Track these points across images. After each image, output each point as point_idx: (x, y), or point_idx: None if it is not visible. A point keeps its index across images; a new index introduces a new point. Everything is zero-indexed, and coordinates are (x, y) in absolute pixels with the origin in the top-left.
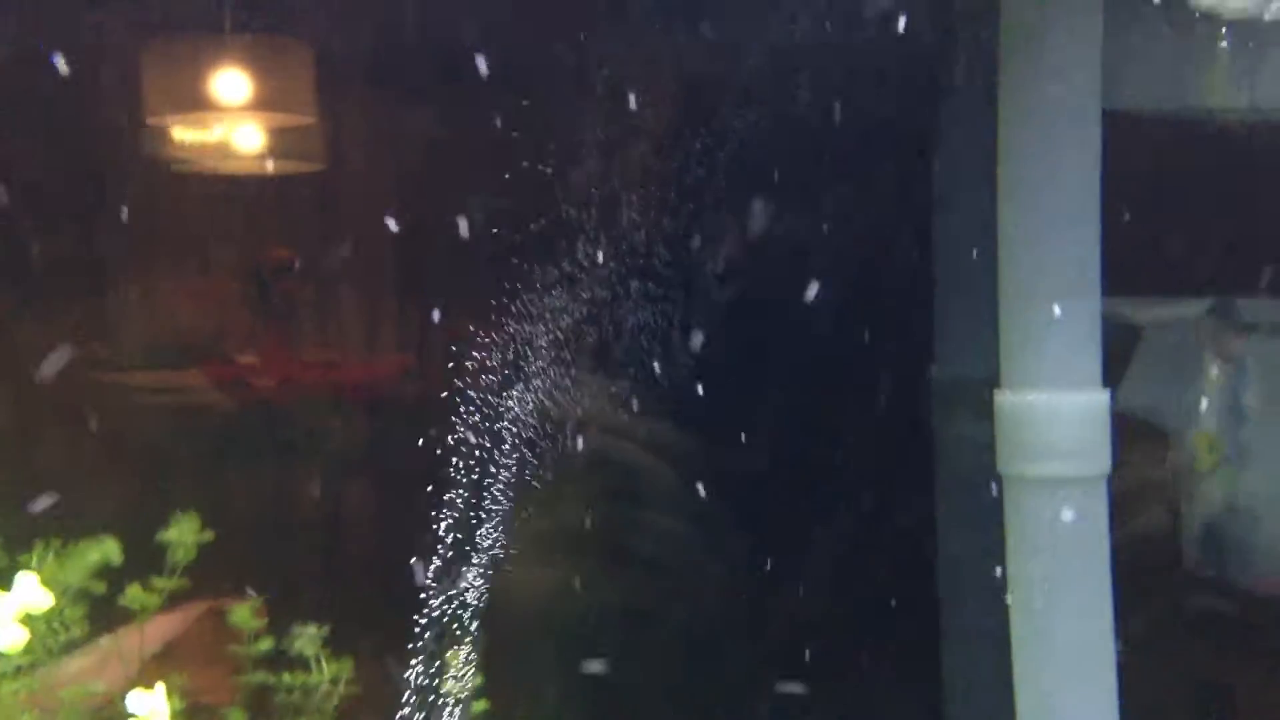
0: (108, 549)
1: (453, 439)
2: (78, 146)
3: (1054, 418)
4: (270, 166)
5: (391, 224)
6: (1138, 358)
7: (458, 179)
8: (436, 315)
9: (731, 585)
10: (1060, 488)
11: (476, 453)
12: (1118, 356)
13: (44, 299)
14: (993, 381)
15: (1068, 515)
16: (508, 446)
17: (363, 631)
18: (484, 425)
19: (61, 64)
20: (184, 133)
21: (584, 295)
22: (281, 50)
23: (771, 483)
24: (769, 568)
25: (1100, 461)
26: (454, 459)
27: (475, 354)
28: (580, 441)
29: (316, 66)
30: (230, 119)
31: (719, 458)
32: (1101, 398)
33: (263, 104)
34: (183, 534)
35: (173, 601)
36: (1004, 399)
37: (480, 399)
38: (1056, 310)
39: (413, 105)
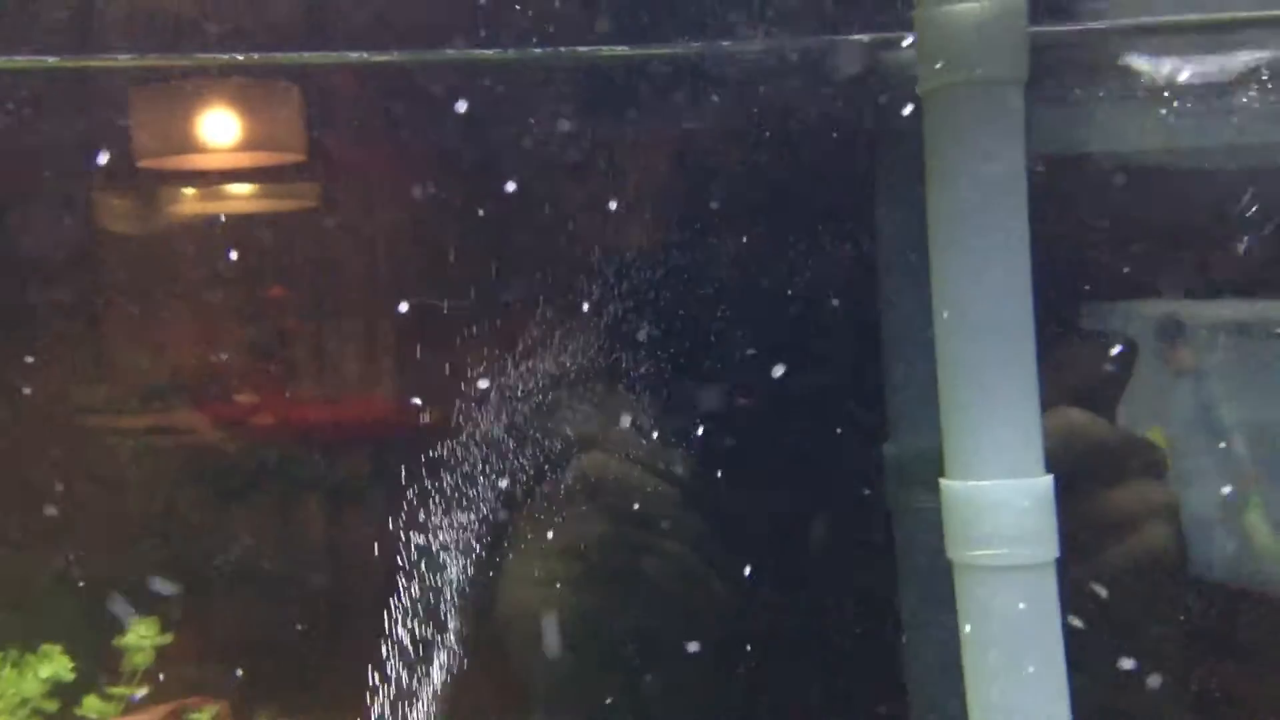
0: (58, 665)
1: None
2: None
3: (1000, 505)
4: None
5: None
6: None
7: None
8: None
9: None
10: (1010, 574)
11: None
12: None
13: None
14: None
15: (1019, 602)
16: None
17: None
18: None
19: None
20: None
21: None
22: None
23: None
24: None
25: (1048, 547)
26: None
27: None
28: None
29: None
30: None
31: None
32: (1045, 482)
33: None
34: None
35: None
36: (949, 486)
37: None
38: (996, 399)
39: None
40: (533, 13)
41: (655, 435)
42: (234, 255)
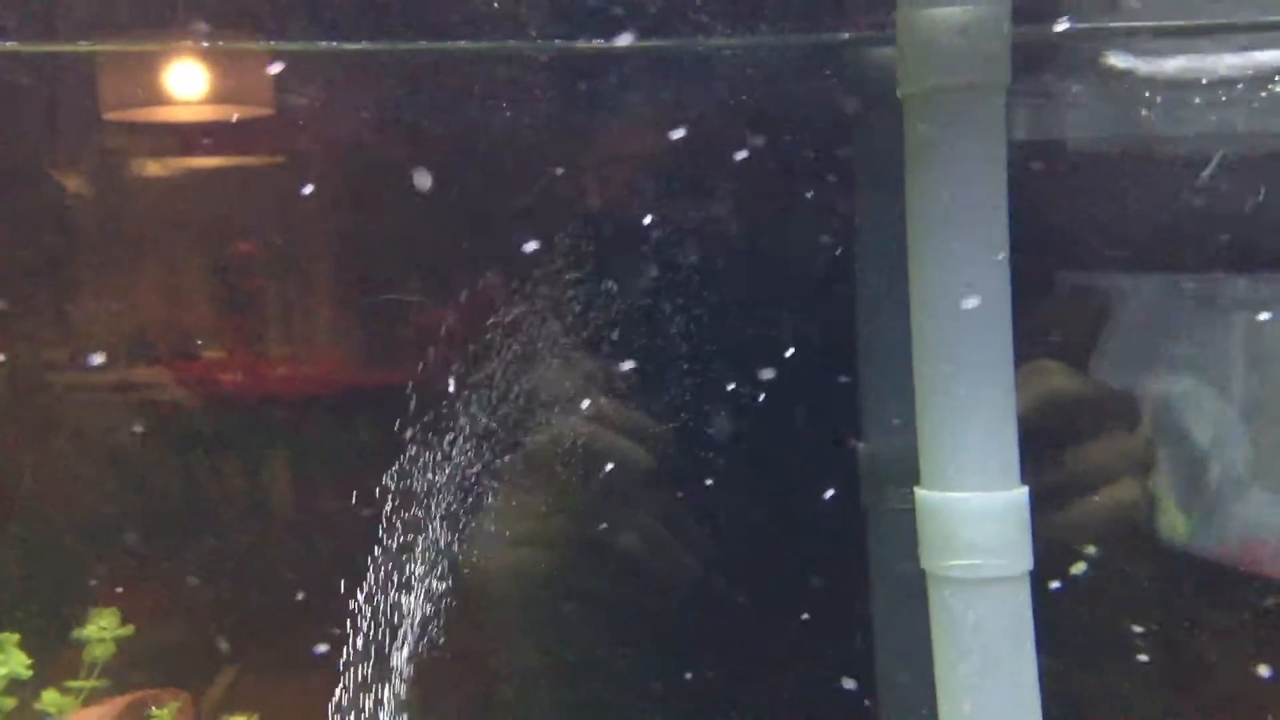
0: (14, 662)
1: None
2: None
3: (974, 517)
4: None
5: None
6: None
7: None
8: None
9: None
10: (984, 587)
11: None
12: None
13: None
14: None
15: (992, 613)
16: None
17: None
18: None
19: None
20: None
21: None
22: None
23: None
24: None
25: (1023, 559)
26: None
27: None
28: None
29: None
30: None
31: None
32: (1020, 494)
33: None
34: (101, 630)
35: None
36: (924, 496)
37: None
38: (972, 409)
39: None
40: None
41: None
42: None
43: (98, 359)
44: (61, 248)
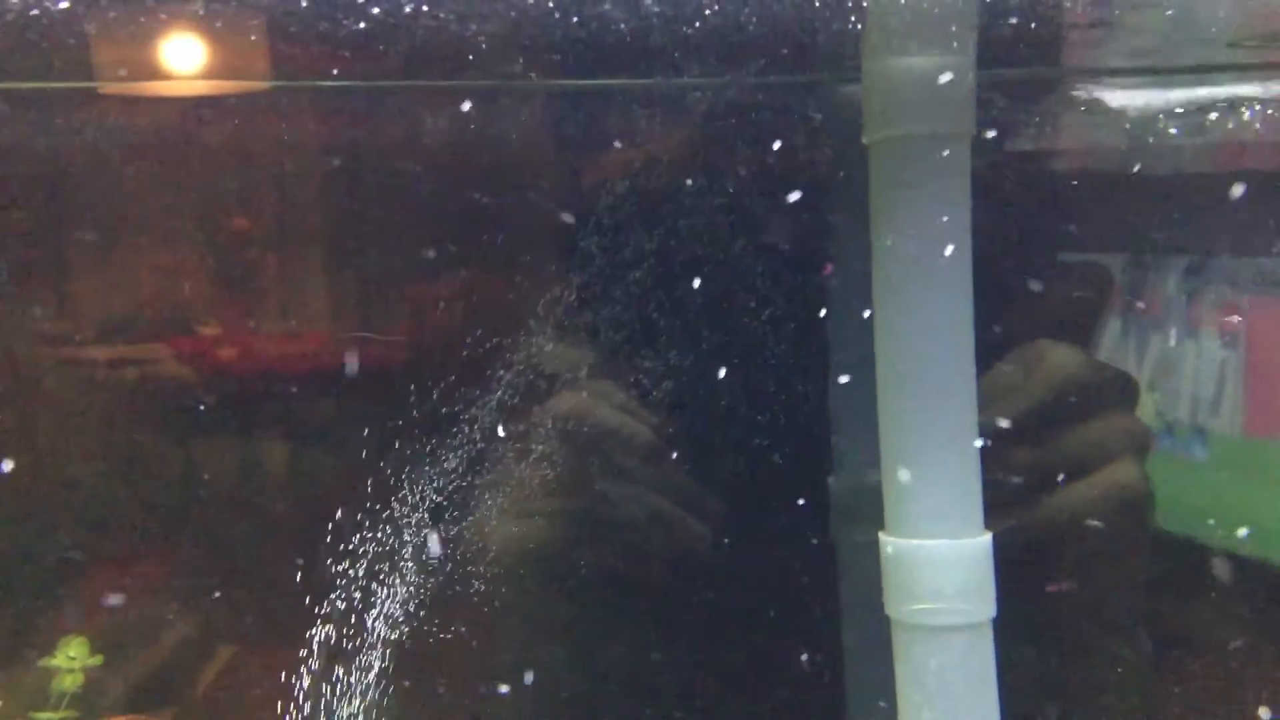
0: None
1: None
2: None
3: (938, 564)
4: None
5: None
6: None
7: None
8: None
9: None
10: (946, 634)
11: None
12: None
13: None
14: None
15: (955, 661)
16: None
17: None
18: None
19: None
20: None
21: None
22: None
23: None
24: None
25: (985, 606)
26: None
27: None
28: None
29: None
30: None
31: None
32: (984, 541)
33: None
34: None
35: None
36: (888, 543)
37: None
38: (936, 456)
39: None
40: None
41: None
42: None
43: None
44: None
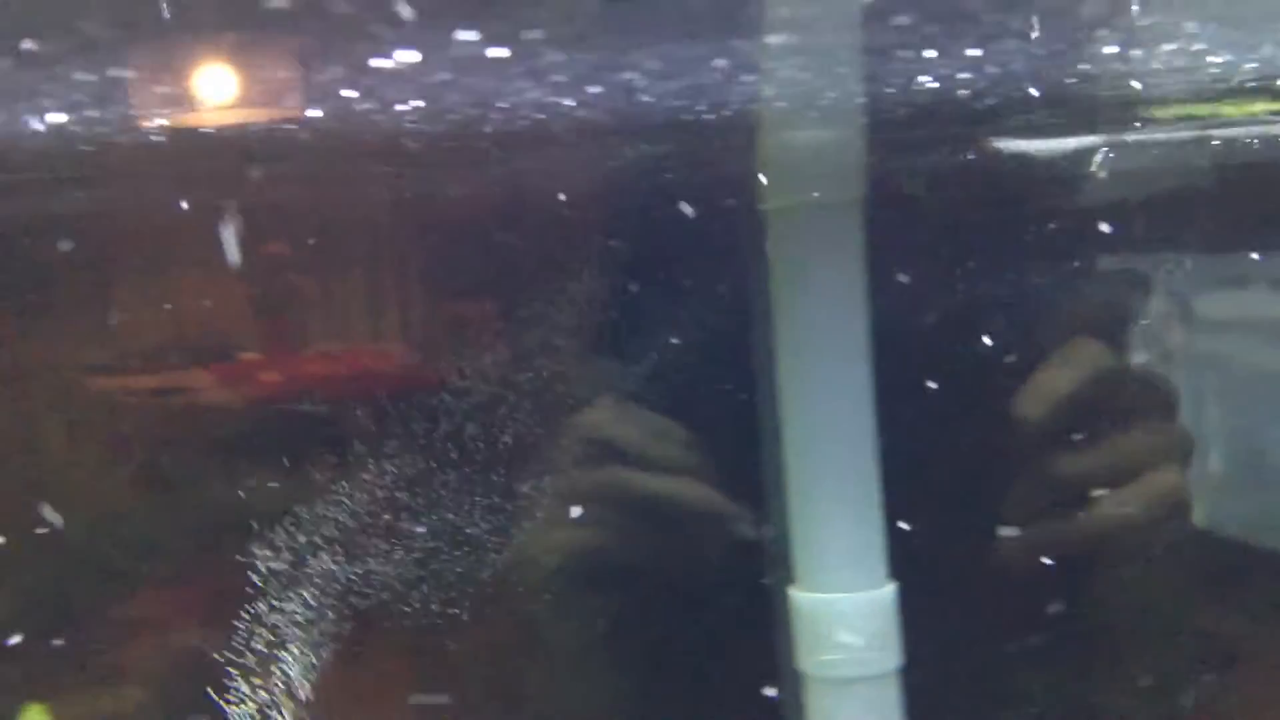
0: None
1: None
2: None
3: (841, 617)
4: None
5: None
6: None
7: None
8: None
9: None
10: (852, 686)
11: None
12: None
13: None
14: None
15: (862, 712)
16: None
17: None
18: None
19: None
20: None
21: None
22: None
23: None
24: None
25: (890, 657)
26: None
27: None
28: None
29: None
30: None
31: None
32: (888, 593)
33: None
34: None
35: None
36: (796, 597)
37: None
38: (838, 511)
39: None
40: None
41: None
42: None
43: None
44: None
